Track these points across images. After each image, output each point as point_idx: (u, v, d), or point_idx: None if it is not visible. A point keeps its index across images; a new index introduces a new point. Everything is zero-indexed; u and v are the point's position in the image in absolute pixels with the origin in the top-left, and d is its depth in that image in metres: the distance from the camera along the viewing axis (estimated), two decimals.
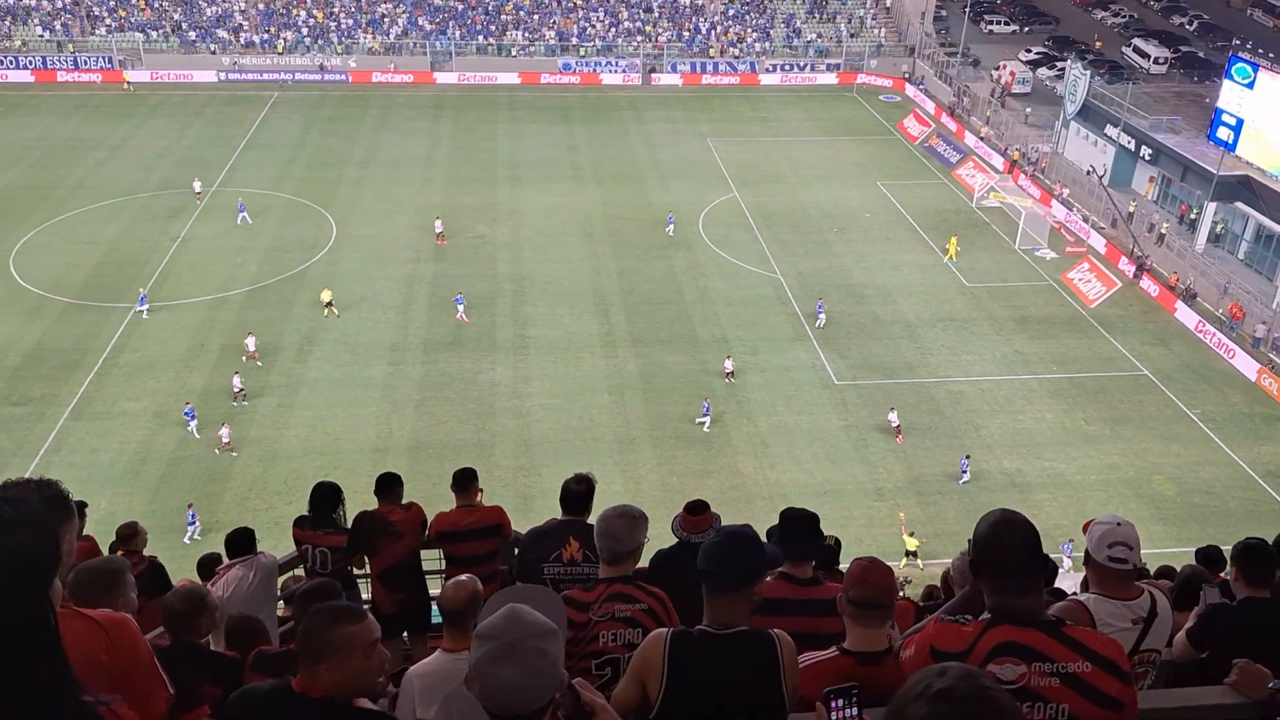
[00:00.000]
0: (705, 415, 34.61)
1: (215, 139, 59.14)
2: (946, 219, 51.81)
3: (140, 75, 68.14)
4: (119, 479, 31.06)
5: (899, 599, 7.43)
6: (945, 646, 3.95)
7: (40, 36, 69.80)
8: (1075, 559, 26.04)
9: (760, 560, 4.43)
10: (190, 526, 28.57)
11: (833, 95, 71.53)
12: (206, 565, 9.79)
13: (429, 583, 9.48)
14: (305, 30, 72.57)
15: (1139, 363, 39.93)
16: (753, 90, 72.04)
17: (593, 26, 75.12)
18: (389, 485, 9.20)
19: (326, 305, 40.56)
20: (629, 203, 52.63)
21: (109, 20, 71.26)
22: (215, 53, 70.39)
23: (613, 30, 75.04)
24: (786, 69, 73.80)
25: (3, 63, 67.60)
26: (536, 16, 75.60)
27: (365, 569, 9.41)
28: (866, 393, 37.03)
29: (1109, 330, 42.14)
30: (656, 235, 48.75)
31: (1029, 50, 76.67)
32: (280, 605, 8.70)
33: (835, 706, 3.79)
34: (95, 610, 3.81)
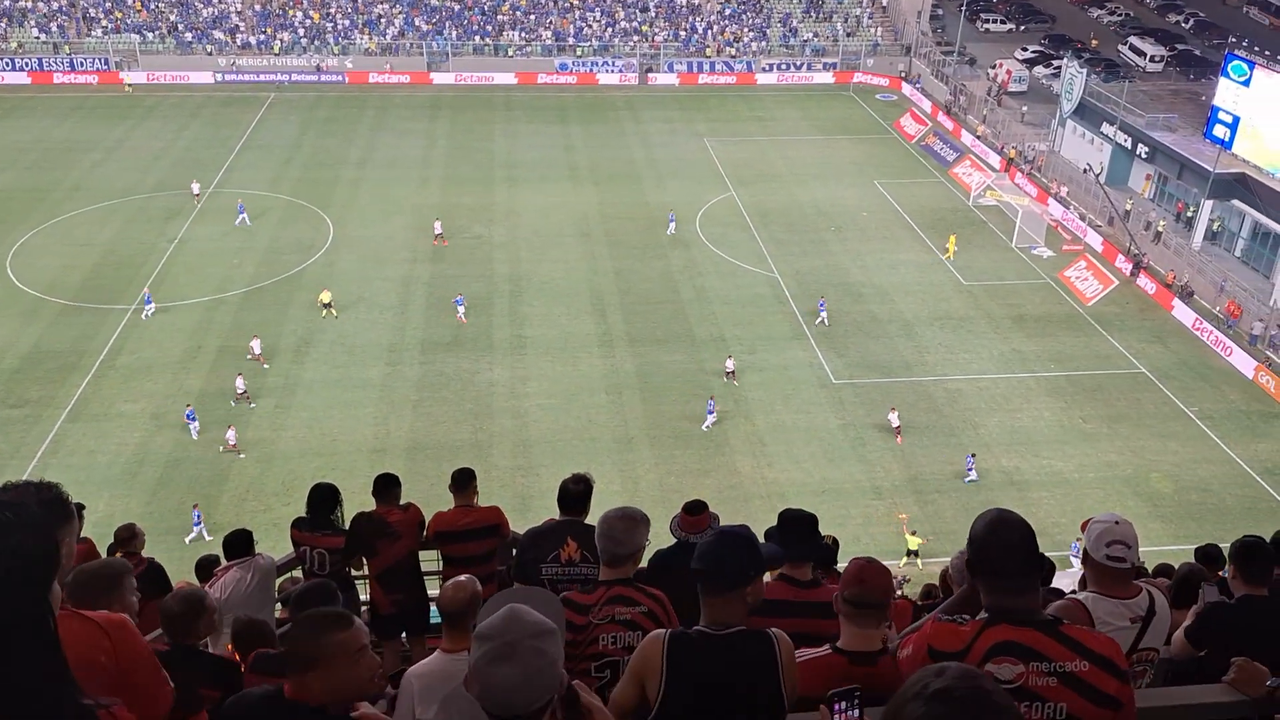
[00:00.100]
0: (710, 414, 34.65)
1: (212, 140, 59.10)
2: (943, 218, 51.83)
3: (136, 77, 68.11)
4: (116, 481, 31.02)
5: (897, 598, 7.44)
6: (943, 646, 3.95)
7: (36, 38, 69.73)
8: None
9: (755, 559, 4.40)
10: (196, 527, 28.55)
11: (829, 94, 71.54)
12: (204, 567, 9.80)
13: (427, 583, 9.48)
14: (302, 31, 72.52)
15: (1136, 360, 39.95)
16: (749, 90, 72.06)
17: (589, 26, 75.11)
18: (387, 486, 9.20)
19: (326, 306, 40.53)
20: (626, 202, 52.62)
21: (105, 22, 71.19)
22: (211, 54, 70.33)
23: (609, 30, 75.03)
24: (783, 68, 73.83)
25: None
26: (533, 17, 75.58)
27: (364, 570, 9.41)
28: (864, 391, 37.04)
29: (1106, 328, 42.16)
30: (653, 235, 48.72)
31: (1025, 49, 76.71)
32: (278, 607, 8.69)
33: (838, 709, 3.80)
34: (95, 612, 3.80)
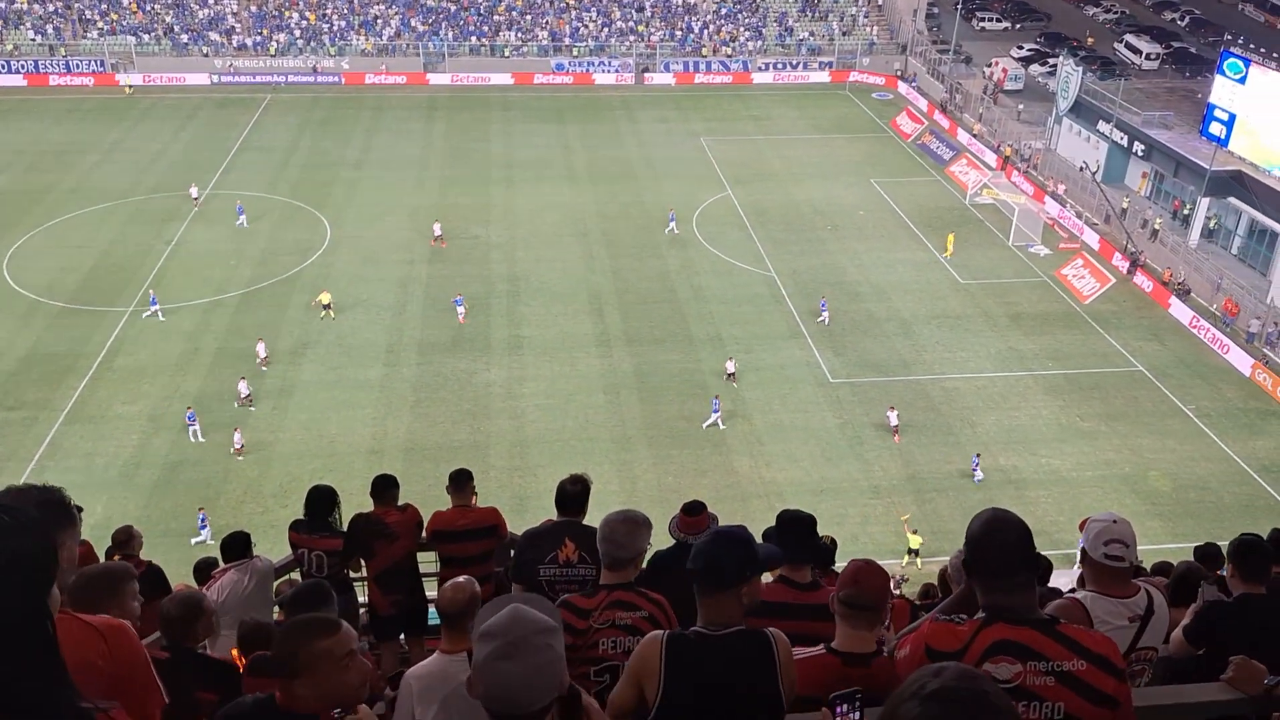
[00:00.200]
0: (715, 413, 34.63)
1: (209, 142, 59.03)
2: (940, 216, 51.85)
3: (133, 78, 68.01)
4: (114, 483, 30.98)
5: (895, 598, 7.44)
6: (940, 646, 3.95)
7: (32, 40, 69.64)
8: None
9: (751, 559, 4.37)
10: (203, 530, 28.53)
11: (825, 93, 71.55)
12: (202, 570, 9.79)
13: (424, 584, 9.48)
14: (298, 32, 72.44)
15: (1133, 358, 39.98)
16: (745, 89, 72.06)
17: (585, 26, 75.09)
18: (385, 487, 9.19)
19: (325, 307, 40.50)
20: (623, 202, 52.61)
21: (101, 24, 71.10)
22: (208, 55, 70.27)
23: (605, 30, 75.01)
24: (779, 67, 73.83)
25: None
26: (529, 17, 75.55)
27: (362, 572, 9.41)
28: (862, 390, 37.04)
29: (1103, 326, 42.19)
30: (650, 235, 48.70)
31: (1021, 47, 76.71)
32: (276, 610, 8.69)
33: (840, 711, 3.81)
34: (93, 616, 3.80)
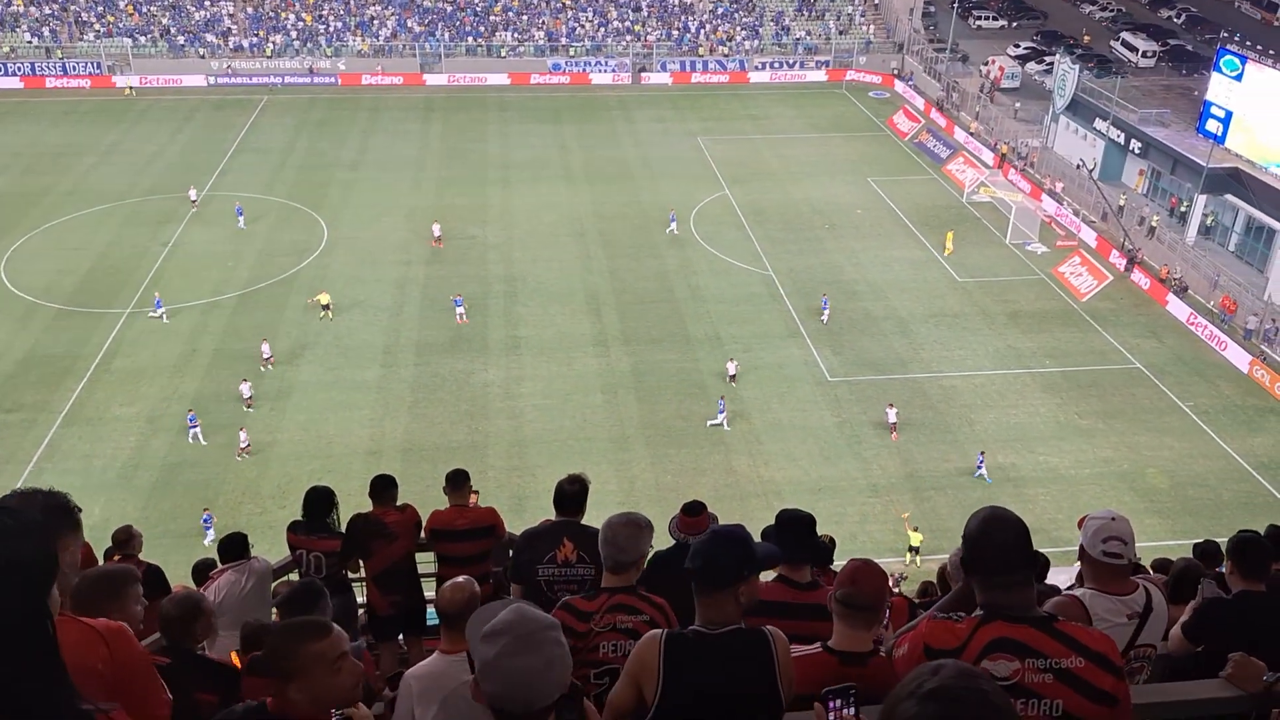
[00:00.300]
0: (721, 414, 34.62)
1: (205, 143, 58.98)
2: (937, 214, 51.86)
3: (129, 80, 67.92)
4: (113, 484, 30.96)
5: (894, 595, 7.43)
6: (939, 644, 3.96)
7: (28, 43, 69.57)
8: None
9: (747, 557, 4.36)
10: (208, 531, 28.49)
11: (822, 92, 71.56)
12: (200, 570, 9.78)
13: (423, 584, 9.48)
14: (294, 33, 72.39)
15: (1131, 356, 40.00)
16: (742, 88, 72.06)
17: (582, 26, 75.07)
18: (384, 487, 9.19)
19: (324, 308, 40.48)
20: (620, 202, 52.60)
21: (97, 26, 71.05)
22: (204, 57, 70.22)
23: (602, 30, 74.99)
24: (776, 66, 73.83)
25: None
26: (525, 17, 75.52)
27: (361, 572, 9.41)
28: (860, 389, 37.05)
29: (1101, 323, 42.21)
30: (648, 234, 48.69)
31: (1017, 45, 76.78)
32: (274, 611, 8.69)
33: (833, 707, 3.80)
34: (94, 619, 3.80)
